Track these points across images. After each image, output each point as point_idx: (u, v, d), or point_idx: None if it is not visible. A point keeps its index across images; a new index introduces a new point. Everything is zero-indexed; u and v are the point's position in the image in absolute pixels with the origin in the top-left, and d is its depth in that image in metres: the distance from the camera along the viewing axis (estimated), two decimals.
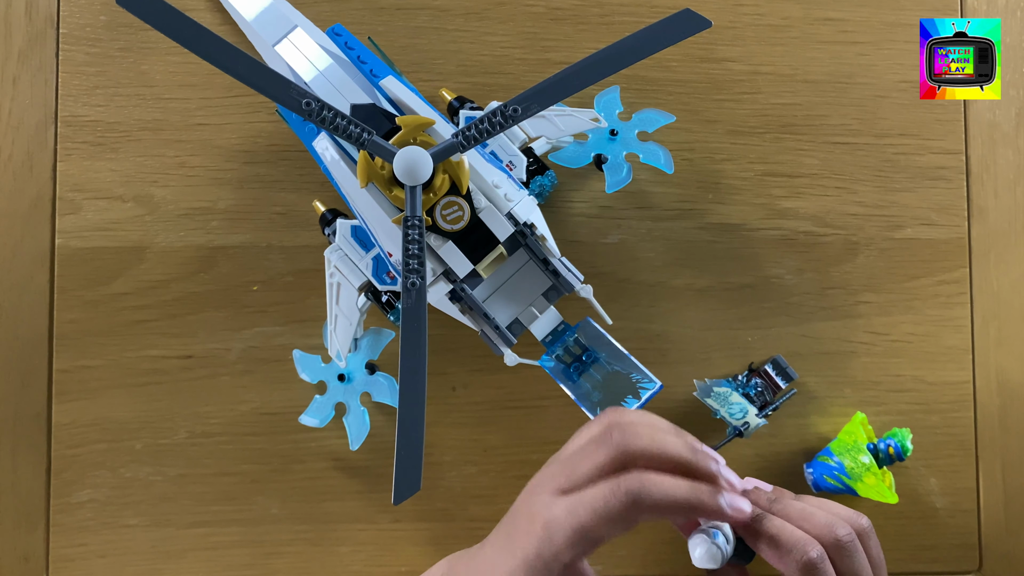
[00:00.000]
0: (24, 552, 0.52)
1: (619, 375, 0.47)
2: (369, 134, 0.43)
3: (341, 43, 0.50)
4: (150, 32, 0.53)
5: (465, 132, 0.43)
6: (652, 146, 0.52)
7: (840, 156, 0.55)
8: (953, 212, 0.55)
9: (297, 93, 0.42)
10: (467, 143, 0.43)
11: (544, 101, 0.43)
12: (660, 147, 0.52)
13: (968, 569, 0.55)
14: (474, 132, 0.43)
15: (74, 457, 0.53)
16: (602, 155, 0.52)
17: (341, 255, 0.49)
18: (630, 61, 0.44)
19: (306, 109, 0.42)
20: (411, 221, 0.43)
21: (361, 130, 0.43)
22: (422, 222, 0.43)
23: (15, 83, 0.53)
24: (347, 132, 0.43)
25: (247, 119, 0.53)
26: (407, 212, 0.43)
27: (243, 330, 0.53)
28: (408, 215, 0.43)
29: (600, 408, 0.47)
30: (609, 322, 0.49)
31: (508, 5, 0.54)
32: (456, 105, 0.51)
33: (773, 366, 0.53)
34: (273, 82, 0.43)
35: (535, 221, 0.47)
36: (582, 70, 0.43)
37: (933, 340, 0.55)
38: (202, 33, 0.42)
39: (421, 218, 0.43)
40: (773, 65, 0.55)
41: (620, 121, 0.52)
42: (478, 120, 0.43)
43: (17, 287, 0.53)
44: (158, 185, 0.53)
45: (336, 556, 0.53)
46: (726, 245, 0.54)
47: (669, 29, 0.43)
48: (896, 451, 0.52)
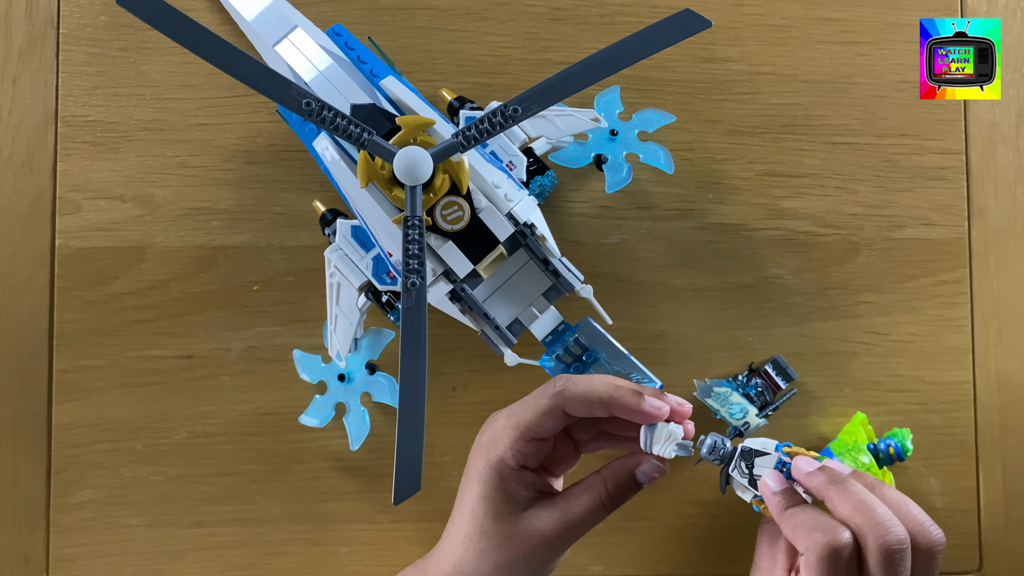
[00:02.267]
0: (24, 552, 0.52)
1: (619, 375, 0.47)
2: (369, 134, 0.43)
3: (341, 43, 0.50)
4: (150, 32, 0.53)
5: (465, 132, 0.43)
6: (652, 146, 0.52)
7: (840, 156, 0.55)
8: (953, 212, 0.55)
9: (297, 93, 0.42)
10: (467, 143, 0.43)
11: (544, 101, 0.44)
12: (660, 147, 0.52)
13: (968, 569, 0.55)
14: (474, 132, 0.43)
15: (74, 457, 0.53)
16: (602, 155, 0.52)
17: (341, 255, 0.49)
18: (630, 61, 0.44)
19: (306, 109, 0.42)
20: (411, 221, 0.43)
21: (361, 130, 0.43)
22: (422, 222, 0.43)
23: (15, 83, 0.53)
24: (347, 132, 0.43)
25: (247, 119, 0.53)
26: (407, 212, 0.43)
27: (243, 330, 0.53)
28: (408, 215, 0.43)
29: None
30: (609, 322, 0.49)
31: (508, 5, 0.54)
32: (456, 105, 0.51)
33: (773, 366, 0.53)
34: (273, 82, 0.43)
35: (535, 221, 0.47)
36: (582, 70, 0.44)
37: (933, 340, 0.55)
38: (202, 33, 0.42)
39: (421, 218, 0.43)
40: (773, 65, 0.55)
41: (620, 121, 0.52)
42: (478, 120, 0.43)
43: (17, 287, 0.53)
44: (158, 185, 0.53)
45: (336, 556, 0.53)
46: (726, 245, 0.54)
47: (669, 29, 0.44)
48: (896, 451, 0.52)
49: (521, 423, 0.44)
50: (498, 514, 0.44)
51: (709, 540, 0.54)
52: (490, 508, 0.44)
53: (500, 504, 0.44)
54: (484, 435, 0.45)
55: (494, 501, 0.44)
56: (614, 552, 0.54)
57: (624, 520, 0.54)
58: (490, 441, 0.45)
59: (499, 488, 0.44)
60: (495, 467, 0.44)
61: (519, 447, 0.44)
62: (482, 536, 0.44)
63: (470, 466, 0.46)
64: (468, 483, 0.45)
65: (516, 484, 0.44)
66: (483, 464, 0.44)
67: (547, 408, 0.43)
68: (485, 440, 0.45)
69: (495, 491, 0.44)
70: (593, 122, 0.50)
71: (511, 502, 0.44)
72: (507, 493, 0.44)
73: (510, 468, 0.44)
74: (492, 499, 0.44)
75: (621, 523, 0.54)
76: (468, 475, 0.45)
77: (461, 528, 0.45)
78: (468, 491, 0.45)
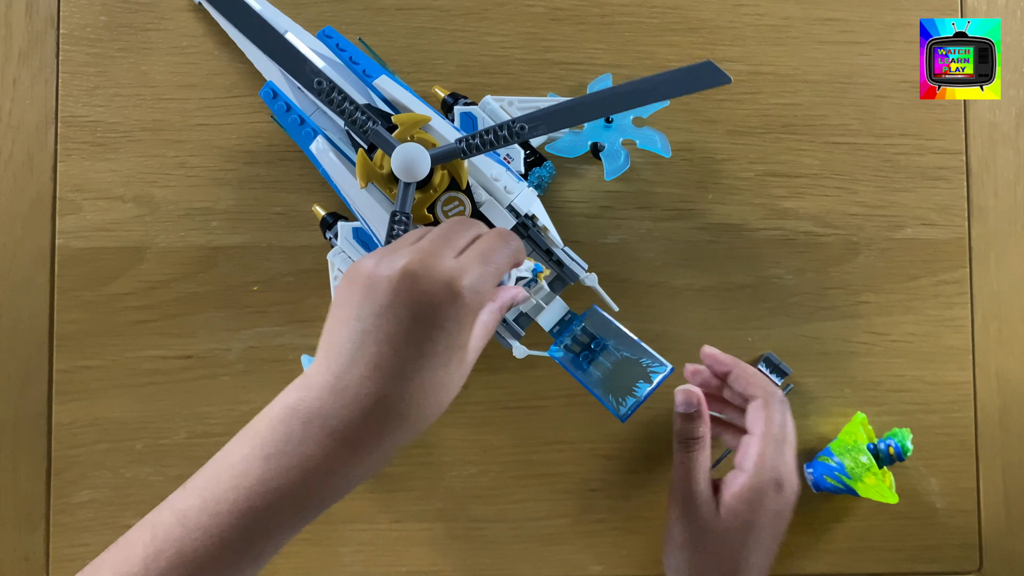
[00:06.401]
0: (24, 552, 0.52)
1: (629, 361, 0.47)
2: (374, 123, 0.43)
3: (332, 45, 0.50)
4: (150, 32, 0.54)
5: (469, 140, 0.43)
6: (648, 131, 0.52)
7: (840, 156, 0.55)
8: (953, 212, 0.55)
9: (311, 71, 0.43)
10: (469, 152, 0.44)
11: (552, 125, 0.43)
12: (656, 132, 0.52)
13: (968, 569, 0.55)
14: (477, 142, 0.43)
15: (74, 457, 0.53)
16: (598, 143, 0.52)
17: (344, 258, 0.49)
18: (643, 103, 0.44)
19: (317, 88, 0.43)
20: (398, 216, 0.43)
21: (367, 118, 0.43)
22: (409, 219, 0.43)
23: (15, 83, 0.53)
24: (353, 117, 0.43)
25: (247, 119, 0.53)
26: (396, 207, 0.43)
27: (243, 330, 0.53)
28: (396, 210, 0.43)
29: (612, 395, 0.47)
30: (615, 309, 0.49)
31: (508, 5, 0.54)
32: (450, 102, 0.51)
33: (766, 363, 0.53)
34: (291, 57, 0.43)
35: (536, 212, 0.47)
36: (594, 103, 0.44)
37: (933, 340, 0.55)
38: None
39: (409, 215, 0.43)
40: (773, 65, 0.55)
41: None
42: (484, 131, 0.43)
43: (17, 287, 0.53)
44: (158, 185, 0.53)
45: (336, 556, 0.53)
46: (726, 245, 0.54)
47: (688, 78, 0.43)
48: (896, 451, 0.52)
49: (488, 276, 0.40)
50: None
51: None
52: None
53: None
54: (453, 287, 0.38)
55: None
56: (614, 552, 0.54)
57: (624, 520, 0.54)
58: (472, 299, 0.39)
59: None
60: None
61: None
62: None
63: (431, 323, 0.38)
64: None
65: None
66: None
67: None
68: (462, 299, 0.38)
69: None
70: None
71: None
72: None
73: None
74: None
75: (621, 523, 0.54)
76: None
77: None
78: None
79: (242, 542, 0.36)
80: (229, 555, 0.36)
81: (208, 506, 0.36)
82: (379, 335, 0.36)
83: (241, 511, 0.36)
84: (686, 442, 0.49)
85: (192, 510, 0.36)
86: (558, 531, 0.54)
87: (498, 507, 0.54)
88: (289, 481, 0.36)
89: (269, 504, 0.36)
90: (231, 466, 0.36)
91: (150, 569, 0.35)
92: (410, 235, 0.41)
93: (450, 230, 0.40)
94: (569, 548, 0.54)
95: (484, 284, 0.38)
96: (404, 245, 0.39)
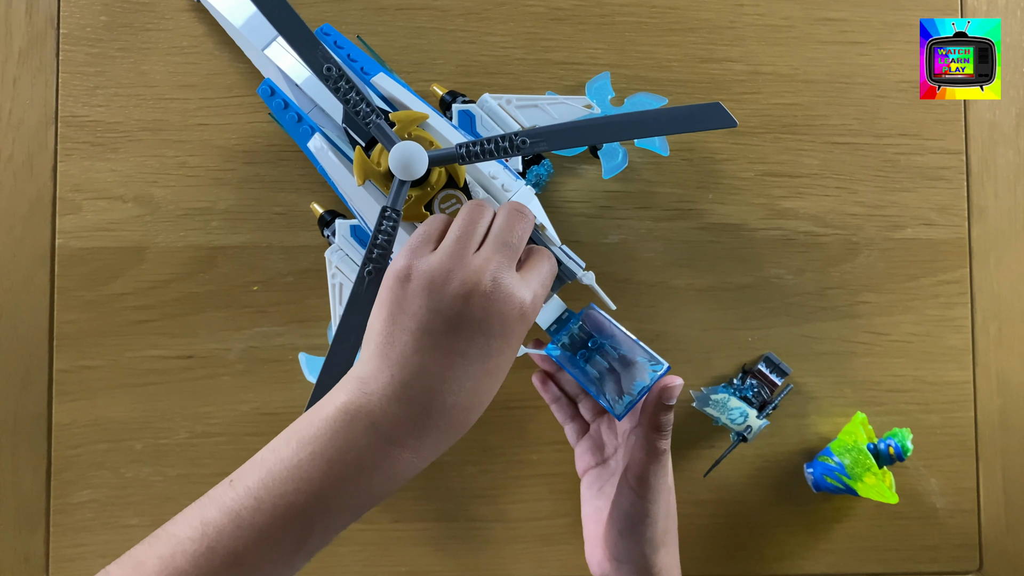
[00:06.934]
0: (24, 552, 0.52)
1: (626, 359, 0.47)
2: (377, 116, 0.43)
3: (330, 42, 0.50)
4: (150, 32, 0.54)
5: (469, 147, 0.43)
6: None
7: (840, 156, 0.55)
8: (953, 212, 0.55)
9: (322, 56, 0.44)
10: (467, 159, 0.44)
11: (555, 143, 0.44)
12: None
13: (968, 569, 0.55)
14: (477, 150, 0.43)
15: (74, 457, 0.53)
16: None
17: (342, 255, 0.49)
18: (649, 134, 0.45)
19: (325, 74, 0.43)
20: (388, 212, 0.43)
21: (371, 109, 0.43)
22: (399, 216, 0.43)
23: (15, 83, 0.53)
24: (358, 108, 0.43)
25: (247, 119, 0.53)
26: (387, 202, 0.43)
27: (243, 330, 0.53)
28: (387, 206, 0.43)
29: (608, 394, 0.47)
30: (613, 307, 0.49)
31: (508, 5, 0.54)
32: (448, 100, 0.51)
33: (766, 364, 0.53)
34: (303, 38, 0.44)
35: (533, 210, 0.47)
36: (597, 127, 0.44)
37: (933, 340, 0.55)
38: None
39: (399, 212, 0.43)
40: (773, 65, 0.55)
41: (612, 107, 0.52)
42: (485, 140, 0.44)
43: (17, 287, 0.53)
44: (158, 185, 0.53)
45: (336, 556, 0.53)
46: (726, 245, 0.54)
47: (696, 117, 0.45)
48: (896, 451, 0.52)
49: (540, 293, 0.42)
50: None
51: (709, 540, 0.54)
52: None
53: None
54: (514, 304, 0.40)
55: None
56: None
57: None
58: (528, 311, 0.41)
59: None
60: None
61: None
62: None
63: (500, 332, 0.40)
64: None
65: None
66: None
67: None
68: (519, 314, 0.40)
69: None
70: (586, 108, 0.50)
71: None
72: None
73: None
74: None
75: None
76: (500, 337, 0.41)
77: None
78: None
79: (298, 542, 0.36)
80: (282, 554, 0.36)
81: (264, 507, 0.36)
82: (438, 339, 0.38)
83: (299, 513, 0.36)
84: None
85: (246, 510, 0.36)
86: (558, 531, 0.54)
87: (498, 507, 0.54)
88: (351, 486, 0.37)
89: (327, 507, 0.36)
90: (288, 468, 0.37)
91: (201, 567, 0.36)
92: (449, 229, 0.41)
93: (469, 223, 0.41)
94: (569, 548, 0.54)
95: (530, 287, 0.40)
96: (451, 242, 0.40)
